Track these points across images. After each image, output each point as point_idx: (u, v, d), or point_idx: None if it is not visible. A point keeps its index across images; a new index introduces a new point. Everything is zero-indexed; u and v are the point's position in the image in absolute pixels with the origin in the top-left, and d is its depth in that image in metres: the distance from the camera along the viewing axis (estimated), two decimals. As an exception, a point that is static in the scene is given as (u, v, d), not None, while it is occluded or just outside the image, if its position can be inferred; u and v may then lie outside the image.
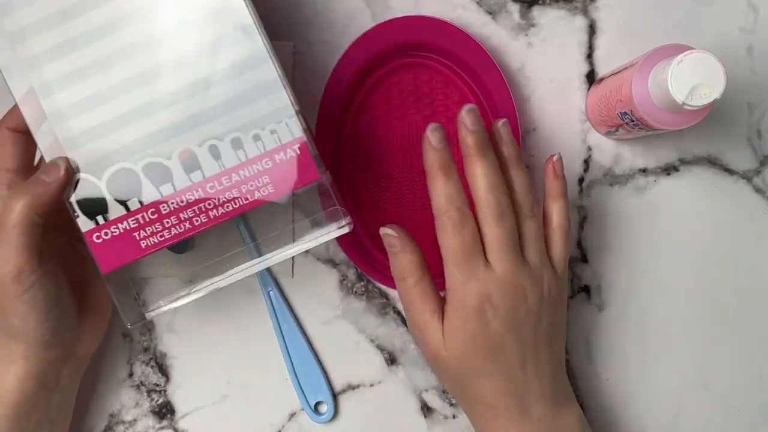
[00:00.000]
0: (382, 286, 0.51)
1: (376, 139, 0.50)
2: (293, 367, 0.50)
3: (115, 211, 0.40)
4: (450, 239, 0.42)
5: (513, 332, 0.42)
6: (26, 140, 0.42)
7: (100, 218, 0.40)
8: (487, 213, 0.42)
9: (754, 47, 0.51)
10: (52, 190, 0.39)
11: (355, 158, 0.50)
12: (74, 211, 0.40)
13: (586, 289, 0.51)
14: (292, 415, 0.51)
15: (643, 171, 0.51)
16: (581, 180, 0.51)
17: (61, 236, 0.44)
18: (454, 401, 0.51)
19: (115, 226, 0.40)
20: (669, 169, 0.51)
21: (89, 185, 0.40)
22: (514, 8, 0.51)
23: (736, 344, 0.51)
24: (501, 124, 0.44)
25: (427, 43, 0.49)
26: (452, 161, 0.42)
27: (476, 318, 0.41)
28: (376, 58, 0.49)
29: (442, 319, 0.43)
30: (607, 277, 0.51)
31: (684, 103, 0.39)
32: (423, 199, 0.50)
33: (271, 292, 0.50)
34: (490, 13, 0.51)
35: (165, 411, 0.51)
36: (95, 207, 0.40)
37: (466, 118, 0.42)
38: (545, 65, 0.51)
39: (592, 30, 0.51)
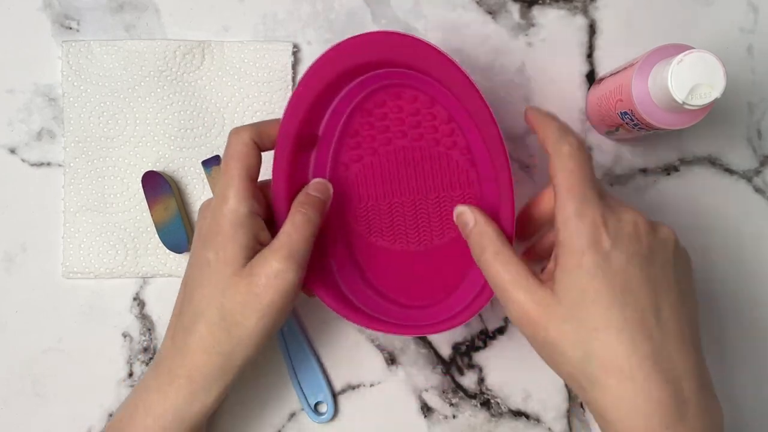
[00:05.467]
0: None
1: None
2: (293, 367, 0.50)
3: None
4: (569, 164, 0.37)
5: (639, 266, 0.35)
6: (260, 156, 0.43)
7: None
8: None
9: (754, 47, 0.51)
10: (326, 207, 0.44)
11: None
12: None
13: (586, 289, 0.51)
14: (292, 415, 0.51)
15: (643, 171, 0.51)
16: (581, 180, 0.51)
17: None
18: (454, 401, 0.51)
19: None
20: (669, 169, 0.51)
21: None
22: (514, 8, 0.51)
23: (736, 344, 0.51)
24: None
25: (395, 61, 0.42)
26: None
27: (592, 249, 0.35)
28: (333, 82, 0.43)
29: (546, 279, 0.37)
30: (607, 277, 0.51)
31: (684, 103, 0.39)
32: (399, 228, 0.47)
33: (271, 292, 0.50)
34: (490, 13, 0.51)
35: (165, 411, 0.51)
36: None
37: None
38: (545, 65, 0.51)
39: (592, 30, 0.51)
